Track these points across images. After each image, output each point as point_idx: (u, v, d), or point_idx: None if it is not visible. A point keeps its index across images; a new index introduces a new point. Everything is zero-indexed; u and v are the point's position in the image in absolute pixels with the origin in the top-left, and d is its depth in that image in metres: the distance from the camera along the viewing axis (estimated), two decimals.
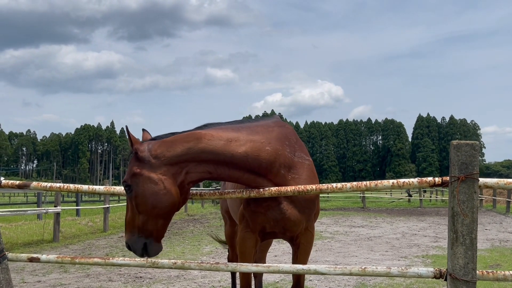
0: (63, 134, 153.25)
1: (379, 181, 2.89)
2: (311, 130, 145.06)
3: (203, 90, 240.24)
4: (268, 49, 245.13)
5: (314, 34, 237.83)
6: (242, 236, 3.28)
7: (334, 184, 2.95)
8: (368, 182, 2.91)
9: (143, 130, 3.18)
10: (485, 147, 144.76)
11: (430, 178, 2.80)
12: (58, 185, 3.52)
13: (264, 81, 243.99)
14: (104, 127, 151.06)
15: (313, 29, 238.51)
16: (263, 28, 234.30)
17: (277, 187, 3.00)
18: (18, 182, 3.58)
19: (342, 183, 2.93)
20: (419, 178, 2.81)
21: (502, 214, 20.20)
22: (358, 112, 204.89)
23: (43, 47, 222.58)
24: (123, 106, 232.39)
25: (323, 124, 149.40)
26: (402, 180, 2.86)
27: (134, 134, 3.02)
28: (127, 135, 2.94)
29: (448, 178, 2.67)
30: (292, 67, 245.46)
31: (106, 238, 12.08)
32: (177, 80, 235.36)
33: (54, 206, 11.78)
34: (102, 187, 3.43)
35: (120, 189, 3.37)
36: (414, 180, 2.83)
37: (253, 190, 3.03)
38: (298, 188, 2.95)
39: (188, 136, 2.98)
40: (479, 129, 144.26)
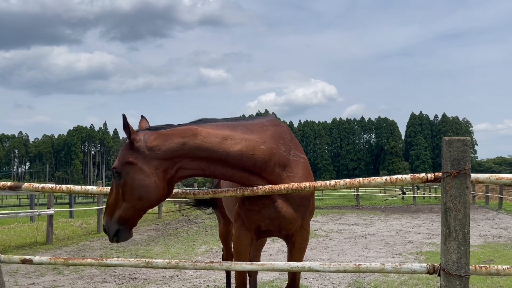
0: (56, 136, 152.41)
1: (372, 177, 2.90)
2: (305, 129, 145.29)
3: (197, 90, 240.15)
4: (261, 48, 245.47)
5: (308, 34, 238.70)
6: (238, 234, 3.28)
7: (327, 181, 2.95)
8: (361, 179, 2.92)
9: (142, 117, 3.17)
10: (477, 144, 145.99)
11: (422, 174, 2.81)
12: (50, 186, 3.49)
13: (257, 80, 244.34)
14: (97, 128, 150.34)
15: (306, 28, 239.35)
16: (257, 27, 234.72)
17: (270, 185, 3.00)
18: (9, 184, 3.54)
19: (336, 180, 2.94)
20: (412, 174, 2.82)
21: (495, 210, 20.37)
22: (352, 110, 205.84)
23: (35, 49, 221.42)
24: (116, 107, 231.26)
25: (317, 123, 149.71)
26: (395, 176, 2.87)
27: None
28: (124, 124, 2.90)
29: (440, 174, 2.69)
30: (285, 67, 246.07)
31: (100, 239, 12.02)
32: (170, 80, 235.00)
33: (47, 208, 11.69)
34: (95, 188, 3.41)
35: None
36: (407, 176, 2.84)
37: (247, 188, 3.03)
38: (291, 186, 2.95)
39: (184, 131, 2.97)
40: (471, 126, 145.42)
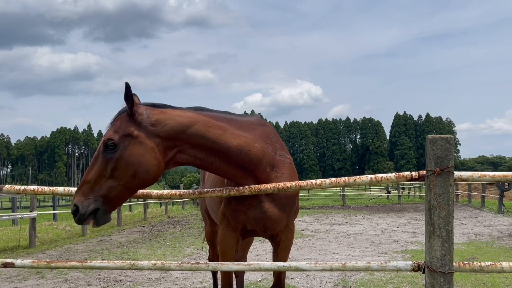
0: (39, 138, 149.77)
1: (358, 176, 2.91)
2: (291, 129, 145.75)
3: (183, 91, 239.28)
4: (247, 49, 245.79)
5: (293, 35, 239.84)
6: (223, 234, 3.26)
7: (313, 180, 2.95)
8: (346, 178, 2.93)
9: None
10: (460, 144, 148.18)
11: (407, 173, 2.84)
12: (32, 187, 3.42)
13: (243, 81, 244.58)
14: (81, 130, 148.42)
15: (292, 29, 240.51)
16: (243, 28, 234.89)
17: (257, 185, 2.99)
18: None
19: (321, 180, 2.94)
20: (397, 173, 2.85)
21: (478, 208, 20.71)
22: (337, 111, 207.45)
23: (17, 49, 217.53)
24: (101, 108, 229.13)
25: (303, 123, 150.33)
26: (380, 175, 2.89)
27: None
28: (127, 94, 2.66)
29: (424, 172, 2.72)
30: (271, 67, 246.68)
31: (84, 242, 11.85)
32: (156, 81, 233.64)
33: (30, 211, 11.48)
34: None
35: None
36: (392, 174, 2.86)
37: (233, 188, 3.02)
38: (278, 185, 2.95)
39: (189, 115, 2.85)
40: (454, 126, 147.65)
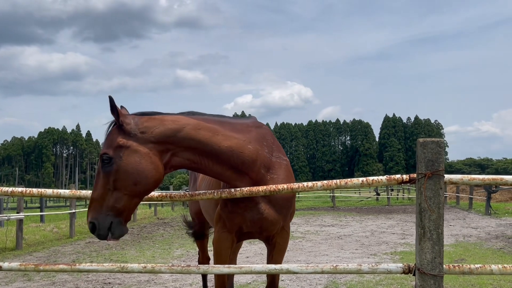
0: (26, 138, 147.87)
1: (349, 179, 2.92)
2: (281, 131, 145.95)
3: (173, 92, 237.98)
4: (238, 50, 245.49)
5: (284, 36, 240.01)
6: (219, 236, 3.25)
7: (305, 183, 2.95)
8: (338, 180, 2.93)
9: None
10: (448, 146, 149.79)
11: (398, 176, 2.85)
12: (20, 189, 3.37)
13: (234, 82, 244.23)
14: (69, 130, 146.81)
15: (283, 31, 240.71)
16: (234, 30, 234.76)
17: (249, 188, 2.98)
18: None
19: (313, 182, 2.94)
20: (388, 176, 2.86)
21: (465, 210, 20.94)
22: (327, 113, 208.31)
23: (5, 48, 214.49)
24: (90, 108, 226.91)
25: (293, 125, 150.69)
26: (371, 178, 2.90)
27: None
28: (112, 107, 2.75)
29: (415, 175, 2.73)
30: (262, 69, 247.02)
31: (72, 244, 11.72)
32: (146, 82, 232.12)
33: (17, 212, 11.33)
34: (68, 191, 3.30)
35: (87, 193, 3.25)
36: (383, 177, 2.87)
37: (224, 190, 3.00)
38: (269, 188, 2.94)
39: (177, 119, 2.91)
40: (443, 128, 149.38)
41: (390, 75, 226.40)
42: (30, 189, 3.35)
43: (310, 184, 2.94)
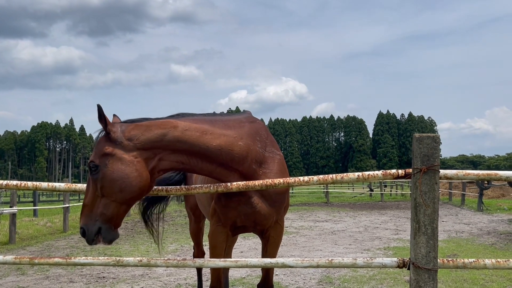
0: (19, 132, 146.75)
1: (345, 174, 2.93)
2: (276, 127, 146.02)
3: (167, 87, 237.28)
4: (233, 46, 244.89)
5: (279, 32, 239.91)
6: (214, 230, 3.28)
7: (301, 177, 2.96)
8: (334, 175, 2.94)
9: (114, 116, 3.08)
10: (441, 143, 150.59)
11: (393, 170, 2.86)
12: (14, 182, 3.35)
13: (229, 78, 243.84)
14: (63, 125, 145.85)
15: (278, 27, 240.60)
16: (229, 25, 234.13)
17: (245, 182, 2.98)
18: None
19: (309, 177, 2.95)
20: (384, 171, 2.87)
21: (458, 206, 21.12)
22: (321, 109, 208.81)
23: None
24: (84, 103, 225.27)
25: (288, 121, 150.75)
26: (367, 172, 2.91)
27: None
28: (100, 115, 2.80)
29: (411, 170, 2.75)
30: (257, 65, 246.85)
31: (66, 238, 11.68)
32: (140, 76, 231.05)
33: (10, 206, 11.25)
34: (63, 184, 3.29)
35: (82, 186, 3.24)
36: (379, 172, 2.88)
37: (220, 184, 3.01)
38: (265, 182, 2.95)
39: (164, 123, 2.93)
40: (436, 125, 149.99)
41: (385, 72, 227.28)
42: (25, 182, 3.33)
43: (306, 178, 2.95)
